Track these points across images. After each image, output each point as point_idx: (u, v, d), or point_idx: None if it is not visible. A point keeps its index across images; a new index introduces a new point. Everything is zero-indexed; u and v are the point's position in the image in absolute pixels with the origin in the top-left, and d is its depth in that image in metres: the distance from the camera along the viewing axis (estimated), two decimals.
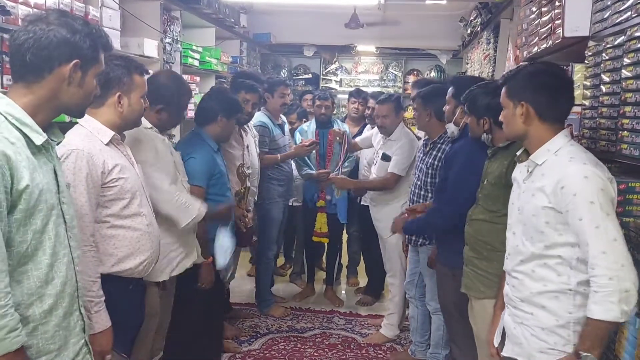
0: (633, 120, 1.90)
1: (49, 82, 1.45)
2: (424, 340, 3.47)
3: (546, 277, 1.80)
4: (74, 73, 1.47)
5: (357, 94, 4.83)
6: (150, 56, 3.82)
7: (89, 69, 1.52)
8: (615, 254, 1.64)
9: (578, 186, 1.68)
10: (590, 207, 1.66)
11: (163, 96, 2.63)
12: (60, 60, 1.45)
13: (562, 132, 1.82)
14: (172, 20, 4.30)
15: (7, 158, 1.32)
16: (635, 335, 1.79)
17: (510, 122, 1.90)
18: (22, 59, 1.42)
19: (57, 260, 1.46)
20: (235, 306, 4.37)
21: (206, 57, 4.98)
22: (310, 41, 7.84)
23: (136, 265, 2.15)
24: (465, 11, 6.13)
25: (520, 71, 1.91)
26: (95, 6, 3.21)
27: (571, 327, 1.77)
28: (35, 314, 1.41)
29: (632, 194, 2.02)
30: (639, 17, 1.89)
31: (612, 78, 2.10)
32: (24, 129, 1.39)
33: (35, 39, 1.41)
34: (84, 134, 2.04)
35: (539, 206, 1.79)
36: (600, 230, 1.65)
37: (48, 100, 1.46)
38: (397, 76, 8.66)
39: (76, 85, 1.49)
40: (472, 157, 2.61)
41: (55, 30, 1.43)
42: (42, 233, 1.41)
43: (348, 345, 3.85)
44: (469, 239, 2.46)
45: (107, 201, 2.04)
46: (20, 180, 1.34)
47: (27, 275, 1.39)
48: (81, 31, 1.48)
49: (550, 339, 1.80)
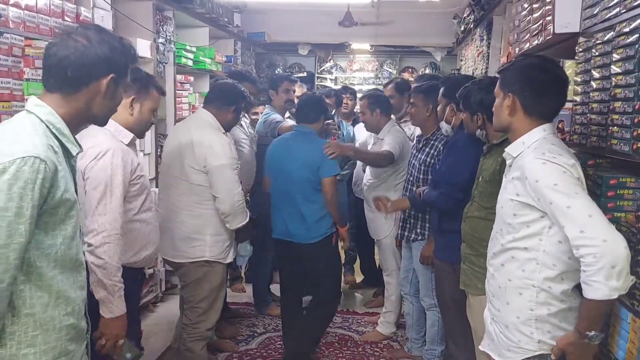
0: (623, 115, 1.91)
1: (85, 94, 1.50)
2: (419, 337, 3.48)
3: (512, 271, 1.81)
4: (109, 87, 1.53)
5: (344, 90, 4.98)
6: (143, 56, 3.82)
7: (121, 82, 1.59)
8: (594, 230, 1.57)
9: (539, 173, 1.69)
10: (555, 189, 1.64)
11: (236, 99, 2.98)
12: (98, 76, 1.51)
13: (540, 127, 1.82)
14: (165, 20, 4.29)
15: (55, 168, 1.37)
16: (627, 329, 1.80)
17: (498, 112, 1.92)
18: (63, 73, 1.46)
19: (77, 265, 1.52)
20: (233, 306, 4.37)
21: (200, 57, 4.98)
22: (305, 40, 7.85)
23: (147, 255, 2.36)
24: (458, 8, 6.14)
25: (515, 63, 1.92)
26: (87, 7, 3.21)
27: (533, 325, 1.77)
28: (61, 315, 1.46)
29: (623, 189, 2.03)
30: (627, 13, 1.90)
31: (602, 74, 2.11)
32: (62, 139, 1.45)
33: (77, 55, 1.47)
34: (109, 135, 2.19)
35: (507, 198, 1.81)
36: (572, 210, 1.61)
37: (82, 112, 1.52)
38: (392, 74, 8.68)
39: (109, 98, 1.56)
40: (467, 148, 2.68)
41: (96, 48, 1.49)
42: (71, 239, 1.47)
43: (345, 343, 3.85)
44: (465, 236, 2.47)
45: (131, 197, 2.22)
46: (58, 190, 1.38)
47: (56, 279, 1.44)
48: (118, 48, 1.55)
49: (514, 337, 1.81)
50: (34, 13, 2.76)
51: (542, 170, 1.68)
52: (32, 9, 2.75)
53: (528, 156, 1.74)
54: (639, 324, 1.73)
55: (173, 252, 2.92)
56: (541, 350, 1.77)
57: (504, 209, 1.83)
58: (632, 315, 1.78)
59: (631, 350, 1.76)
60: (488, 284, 1.96)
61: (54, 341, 1.44)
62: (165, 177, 2.97)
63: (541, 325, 1.76)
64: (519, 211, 1.77)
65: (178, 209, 2.88)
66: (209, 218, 2.88)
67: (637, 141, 1.80)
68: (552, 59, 1.97)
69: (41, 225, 1.38)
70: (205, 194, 2.84)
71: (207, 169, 2.80)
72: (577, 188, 1.64)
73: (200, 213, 2.87)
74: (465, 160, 2.66)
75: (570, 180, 1.65)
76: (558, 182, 1.65)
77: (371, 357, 3.67)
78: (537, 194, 1.69)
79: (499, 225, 1.87)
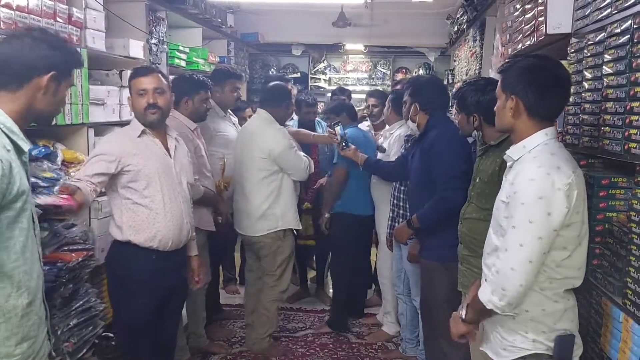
0: (614, 116, 1.91)
1: (28, 91, 1.62)
2: (414, 337, 3.48)
3: None
4: (50, 83, 1.65)
5: (340, 91, 5.10)
6: (136, 57, 3.79)
7: (63, 80, 1.71)
8: (513, 257, 1.70)
9: (521, 185, 1.70)
10: (520, 208, 1.69)
11: (284, 97, 3.60)
12: (39, 73, 1.63)
13: (542, 131, 1.79)
14: (157, 20, 4.27)
15: (10, 166, 1.47)
16: (619, 329, 1.81)
17: (500, 114, 1.89)
18: (6, 70, 1.59)
19: (34, 255, 1.63)
20: (227, 307, 4.36)
21: (193, 58, 4.95)
22: (299, 40, 7.83)
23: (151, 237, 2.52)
24: (452, 9, 6.15)
25: (517, 63, 1.87)
26: (79, 7, 3.18)
27: (528, 325, 1.78)
28: (23, 304, 1.57)
29: (615, 189, 2.03)
30: (619, 14, 1.90)
31: (594, 74, 2.12)
32: (12, 137, 1.54)
33: (20, 53, 1.60)
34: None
35: (499, 200, 1.82)
36: (514, 231, 1.70)
37: (27, 108, 1.63)
38: (385, 74, 8.67)
39: (51, 94, 1.67)
40: (451, 143, 2.78)
41: (38, 46, 1.63)
42: (27, 230, 1.58)
43: (340, 344, 3.85)
44: (463, 238, 2.47)
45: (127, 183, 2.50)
46: (14, 186, 1.49)
47: (17, 270, 1.55)
48: (59, 48, 1.69)
49: (510, 336, 1.82)
50: (25, 14, 2.73)
51: (524, 184, 1.69)
52: (23, 10, 2.72)
53: (526, 164, 1.73)
54: (632, 323, 1.73)
55: (252, 229, 3.52)
56: (536, 350, 1.78)
57: (498, 211, 1.83)
58: (624, 314, 1.78)
59: (624, 350, 1.77)
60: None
61: (16, 328, 1.55)
62: (239, 169, 3.57)
63: (536, 325, 1.77)
64: (508, 214, 1.76)
65: (251, 192, 3.49)
66: (276, 196, 3.48)
67: (629, 141, 1.81)
68: (553, 57, 1.94)
69: (2, 220, 1.49)
70: (270, 177, 3.45)
71: (272, 157, 3.41)
72: (537, 217, 1.66)
73: (267, 193, 3.46)
74: (456, 153, 2.74)
75: (538, 209, 1.66)
76: (527, 202, 1.67)
77: (366, 357, 3.67)
78: (511, 200, 1.73)
79: (494, 226, 1.87)
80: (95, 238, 3.06)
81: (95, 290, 3.02)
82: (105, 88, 3.39)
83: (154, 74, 2.61)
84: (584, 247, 1.77)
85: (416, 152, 3.00)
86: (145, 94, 2.55)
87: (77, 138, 3.13)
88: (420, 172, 2.92)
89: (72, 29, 3.04)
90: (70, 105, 2.92)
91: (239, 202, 3.58)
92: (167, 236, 2.57)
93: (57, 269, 2.64)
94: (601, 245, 2.04)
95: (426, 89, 3.01)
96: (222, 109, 3.95)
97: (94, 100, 3.20)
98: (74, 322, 2.80)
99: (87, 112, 3.09)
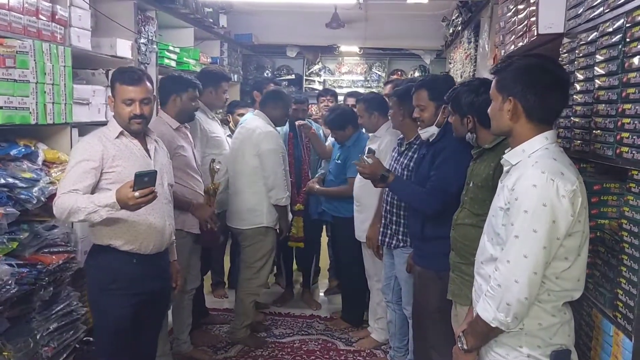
0: (606, 118, 1.84)
1: None
2: (402, 346, 3.40)
3: None
4: None
5: (325, 92, 5.20)
6: (124, 57, 3.73)
7: None
8: (517, 269, 1.61)
9: (522, 192, 1.62)
10: (522, 216, 1.61)
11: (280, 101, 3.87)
12: None
13: (542, 134, 1.72)
14: (147, 20, 4.20)
15: None
16: (610, 342, 1.74)
17: (497, 117, 1.80)
18: None
19: None
20: (213, 312, 4.29)
21: (184, 58, 4.89)
22: (293, 42, 7.77)
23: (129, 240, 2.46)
24: (447, 11, 6.09)
25: (513, 63, 1.77)
26: (63, 5, 3.11)
27: (522, 339, 1.70)
28: None
29: (607, 195, 1.96)
30: (611, 13, 1.84)
31: (586, 75, 2.05)
32: None
33: None
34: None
35: (497, 207, 1.74)
36: (517, 241, 1.62)
37: None
38: (381, 77, 8.60)
39: None
40: (457, 155, 2.62)
41: None
42: None
43: (327, 351, 3.78)
44: (455, 244, 2.39)
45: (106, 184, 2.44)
46: None
47: None
48: None
49: (502, 350, 1.74)
50: (5, 11, 2.67)
51: (527, 191, 1.61)
52: (4, 7, 2.65)
53: (527, 169, 1.65)
54: (622, 337, 1.66)
55: (240, 221, 3.74)
56: None
57: (495, 218, 1.75)
58: (614, 327, 1.71)
59: None
60: (475, 293, 1.88)
61: None
62: (233, 164, 3.77)
63: (531, 340, 1.69)
64: (507, 221, 1.69)
65: (242, 186, 3.71)
66: (264, 194, 3.68)
67: (620, 145, 1.73)
68: (550, 57, 1.87)
69: None
70: (260, 174, 3.66)
71: (259, 153, 3.63)
72: (541, 225, 1.59)
73: (257, 189, 3.68)
74: (457, 168, 2.56)
75: (542, 217, 1.59)
76: (529, 210, 1.60)
77: None
78: (511, 207, 1.65)
79: (489, 234, 1.79)
80: (78, 240, 3.00)
81: (77, 293, 2.97)
82: (91, 87, 3.33)
83: (142, 83, 2.49)
84: (584, 258, 1.70)
85: (427, 157, 2.86)
86: (132, 104, 2.47)
87: (60, 138, 3.08)
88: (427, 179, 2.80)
89: (56, 26, 2.98)
90: (52, 104, 2.86)
91: (231, 195, 3.78)
92: (148, 239, 2.49)
93: (37, 271, 2.59)
94: (592, 253, 1.95)
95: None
96: (210, 109, 3.92)
97: (79, 100, 3.15)
98: (54, 326, 2.76)
99: (71, 112, 3.03)
